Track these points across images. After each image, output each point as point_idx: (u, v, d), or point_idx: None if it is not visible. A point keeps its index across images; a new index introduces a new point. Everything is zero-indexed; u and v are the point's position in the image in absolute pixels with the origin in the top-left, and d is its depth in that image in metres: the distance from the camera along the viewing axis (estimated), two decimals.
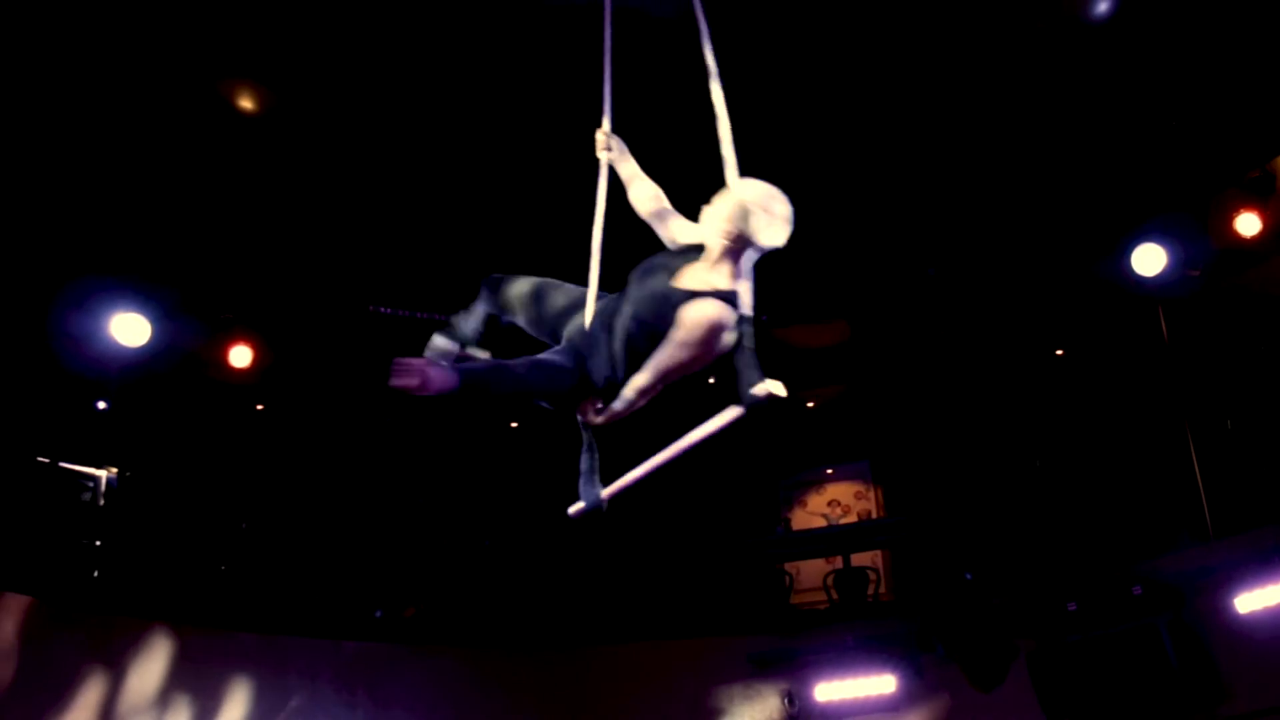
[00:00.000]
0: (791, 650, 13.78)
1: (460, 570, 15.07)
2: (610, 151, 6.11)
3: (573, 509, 5.62)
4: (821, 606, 15.45)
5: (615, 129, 6.16)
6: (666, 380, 5.24)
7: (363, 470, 15.07)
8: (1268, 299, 13.87)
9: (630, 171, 6.09)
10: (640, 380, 5.26)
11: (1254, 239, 13.23)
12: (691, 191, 5.58)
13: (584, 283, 5.85)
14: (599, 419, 5.51)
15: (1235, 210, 13.24)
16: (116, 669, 12.34)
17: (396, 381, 5.31)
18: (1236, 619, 11.89)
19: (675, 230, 5.70)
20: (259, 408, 14.99)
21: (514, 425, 15.91)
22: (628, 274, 5.53)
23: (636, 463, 5.41)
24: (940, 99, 12.20)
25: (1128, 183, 13.31)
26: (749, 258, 5.26)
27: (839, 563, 15.47)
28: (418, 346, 14.55)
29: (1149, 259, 13.40)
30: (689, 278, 5.25)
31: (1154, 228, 13.40)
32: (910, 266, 14.41)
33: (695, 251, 5.33)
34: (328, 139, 12.34)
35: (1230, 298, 14.06)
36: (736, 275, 5.24)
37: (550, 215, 13.44)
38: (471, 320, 6.29)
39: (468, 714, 13.61)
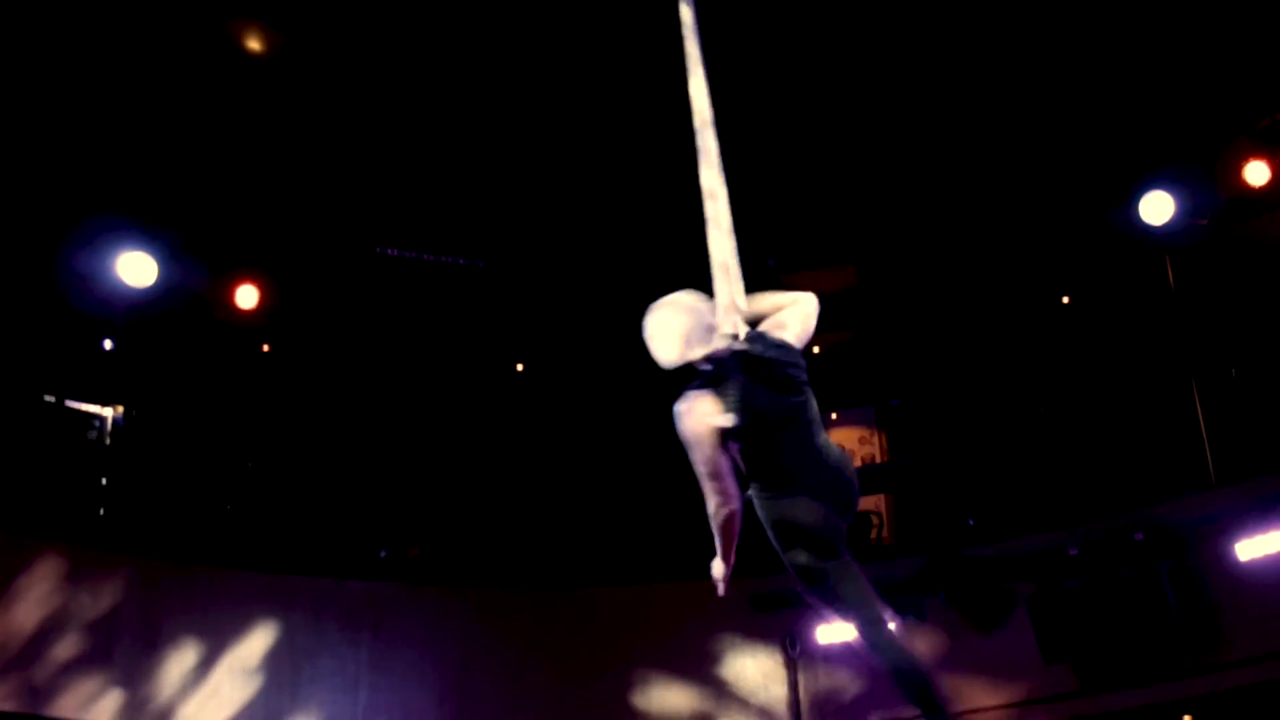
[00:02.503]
0: (793, 593, 13.82)
1: (465, 511, 15.13)
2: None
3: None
4: None
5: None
6: None
7: (368, 411, 15.10)
8: (1275, 248, 13.86)
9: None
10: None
11: (1263, 188, 13.20)
12: None
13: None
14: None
15: (1244, 159, 13.20)
16: (121, 606, 12.43)
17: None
18: (1237, 566, 11.94)
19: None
20: (265, 348, 15.01)
21: (519, 368, 15.93)
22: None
23: None
24: (950, 44, 12.17)
25: (1137, 131, 13.27)
26: None
27: None
28: (422, 289, 14.58)
29: (1157, 207, 13.38)
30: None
31: (1162, 176, 13.37)
32: (918, 213, 14.40)
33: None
34: (335, 80, 12.32)
35: (1238, 247, 14.05)
36: None
37: (561, 157, 13.46)
38: None
39: (472, 652, 13.70)
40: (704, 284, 4.99)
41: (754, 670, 13.76)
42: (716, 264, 4.93)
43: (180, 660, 12.56)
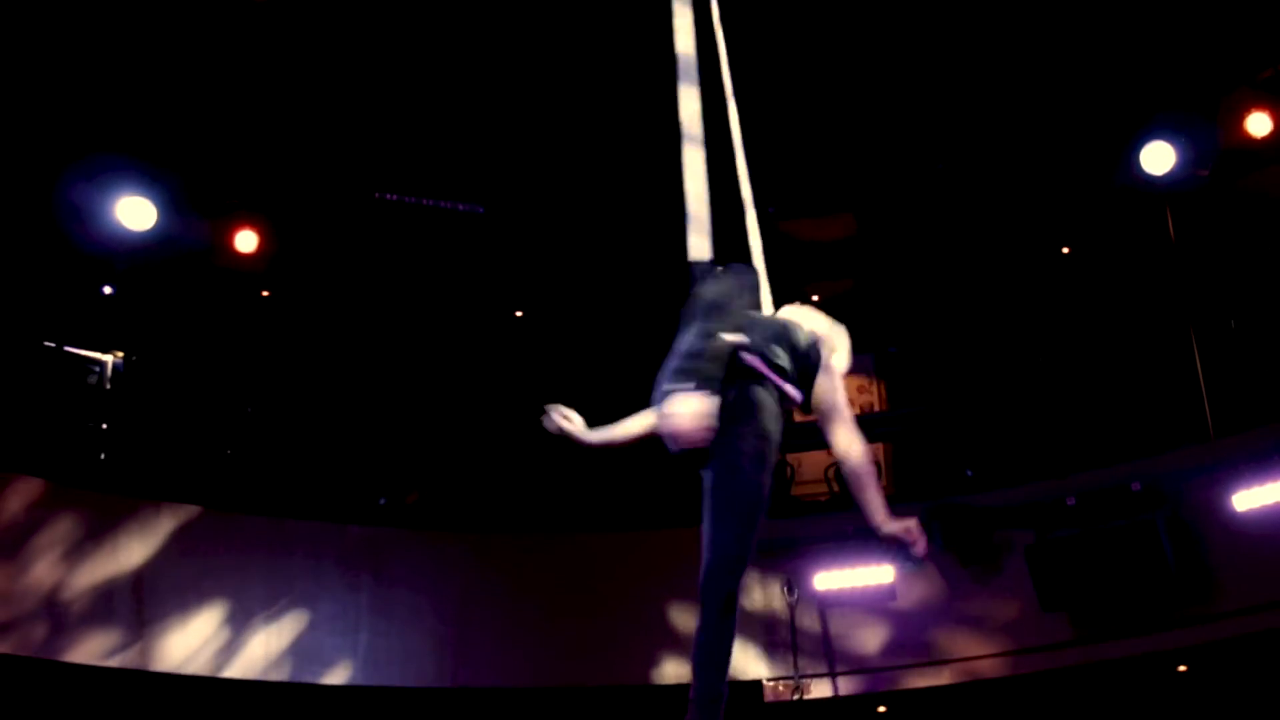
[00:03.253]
0: (792, 539, 13.88)
1: (463, 457, 15.15)
2: None
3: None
4: (822, 498, 15.53)
5: None
6: None
7: (367, 357, 15.12)
8: (1276, 199, 13.83)
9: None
10: None
11: (1264, 139, 13.15)
12: None
13: None
14: None
15: (1246, 110, 13.14)
16: (121, 550, 12.48)
17: None
18: (1233, 517, 11.97)
19: None
20: (264, 294, 15.00)
21: (519, 315, 15.94)
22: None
23: None
24: None
25: (1138, 80, 13.22)
26: None
27: None
28: (422, 235, 14.57)
29: (1158, 158, 13.34)
30: None
31: (1164, 126, 13.31)
32: (919, 161, 14.36)
33: None
34: (335, 23, 12.28)
35: (1238, 198, 14.02)
36: None
37: (561, 102, 13.43)
38: None
39: (471, 596, 13.76)
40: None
41: (752, 616, 13.81)
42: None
43: (180, 603, 12.62)
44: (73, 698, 12.47)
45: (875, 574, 13.36)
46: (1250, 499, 11.86)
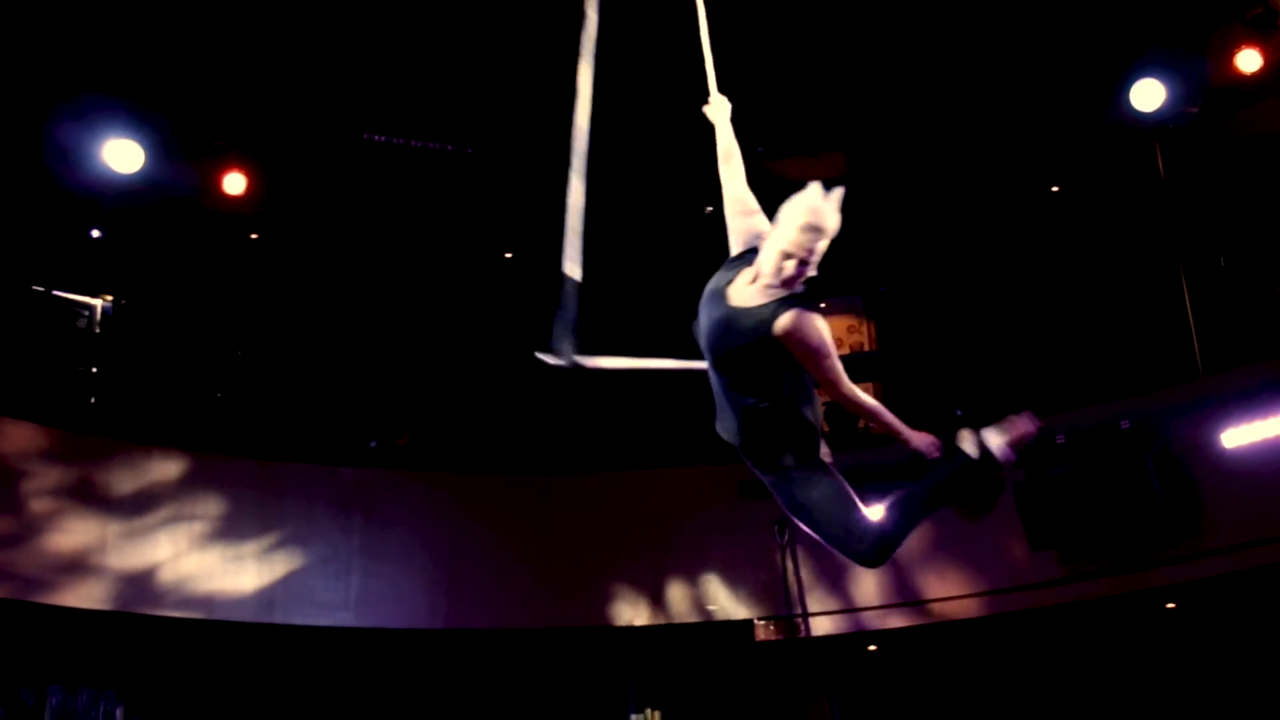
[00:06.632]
0: None
1: (455, 398, 15.15)
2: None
3: (543, 356, 5.58)
4: None
5: None
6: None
7: (357, 299, 15.10)
8: (1266, 137, 13.81)
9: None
10: None
11: (1254, 76, 13.11)
12: None
13: None
14: None
15: (1236, 46, 13.09)
16: (113, 495, 12.49)
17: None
18: (1222, 454, 12.02)
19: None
20: (253, 236, 14.96)
21: (508, 256, 15.89)
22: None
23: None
24: None
25: (1128, 16, 13.16)
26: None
27: None
28: (410, 176, 14.47)
29: (1147, 94, 13.31)
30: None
31: (1153, 62, 13.27)
32: (908, 99, 14.30)
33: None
34: None
35: (1228, 135, 13.99)
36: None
37: (549, 42, 13.35)
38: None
39: (463, 537, 13.80)
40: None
41: (743, 556, 13.87)
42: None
43: (173, 546, 12.65)
44: (64, 641, 12.52)
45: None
46: (1239, 436, 11.91)
